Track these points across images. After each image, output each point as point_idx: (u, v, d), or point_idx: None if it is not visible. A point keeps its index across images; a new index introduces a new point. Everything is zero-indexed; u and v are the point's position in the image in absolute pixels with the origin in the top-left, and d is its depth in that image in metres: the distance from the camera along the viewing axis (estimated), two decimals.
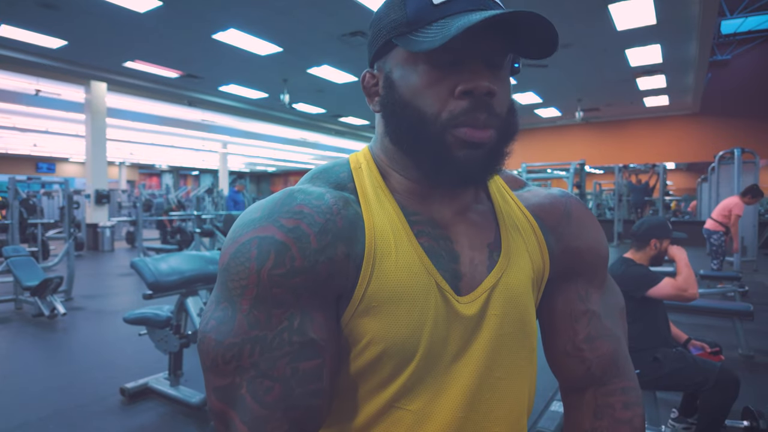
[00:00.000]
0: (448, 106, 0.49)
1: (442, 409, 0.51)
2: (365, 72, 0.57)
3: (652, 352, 2.05)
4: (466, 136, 0.49)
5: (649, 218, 2.27)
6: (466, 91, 0.48)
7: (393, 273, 0.50)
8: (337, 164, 0.58)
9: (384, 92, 0.53)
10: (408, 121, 0.51)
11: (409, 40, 0.49)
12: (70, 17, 6.50)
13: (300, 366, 0.47)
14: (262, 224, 0.48)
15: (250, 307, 0.47)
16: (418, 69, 0.50)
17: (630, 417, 0.58)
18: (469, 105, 0.48)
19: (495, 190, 0.62)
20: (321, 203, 0.50)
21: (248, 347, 0.46)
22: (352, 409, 0.53)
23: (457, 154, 0.49)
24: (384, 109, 0.54)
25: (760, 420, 2.02)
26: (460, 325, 0.52)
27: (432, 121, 0.49)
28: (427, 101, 0.49)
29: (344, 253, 0.49)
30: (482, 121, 0.49)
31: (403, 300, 0.50)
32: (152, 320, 2.72)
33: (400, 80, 0.51)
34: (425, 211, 0.55)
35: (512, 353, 0.55)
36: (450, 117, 0.49)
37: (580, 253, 0.61)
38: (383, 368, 0.50)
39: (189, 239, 9.46)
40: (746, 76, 11.57)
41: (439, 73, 0.49)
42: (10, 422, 2.48)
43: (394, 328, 0.49)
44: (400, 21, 0.50)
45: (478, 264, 0.54)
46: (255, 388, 0.46)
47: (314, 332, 0.48)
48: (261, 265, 0.46)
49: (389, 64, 0.53)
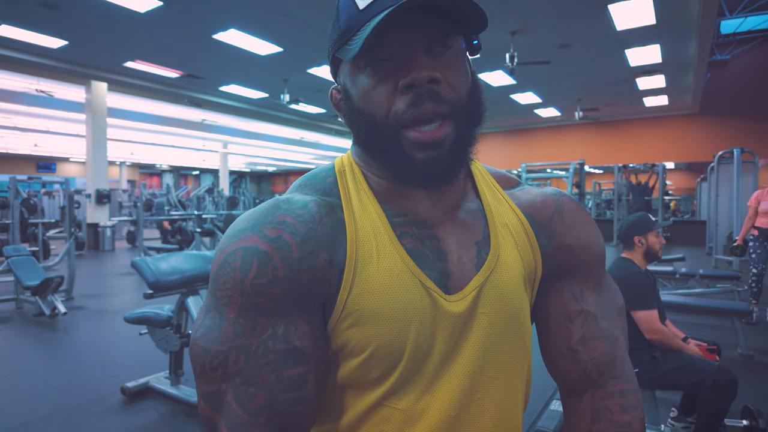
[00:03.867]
0: (394, 105, 0.49)
1: (432, 408, 0.51)
2: (332, 88, 0.59)
3: (650, 351, 2.06)
4: (416, 139, 0.49)
5: (628, 218, 2.30)
6: (408, 85, 0.48)
7: (375, 276, 0.50)
8: (323, 170, 0.59)
9: (344, 104, 0.55)
10: (365, 127, 0.52)
11: (345, 50, 0.50)
12: (70, 17, 6.51)
13: (284, 373, 0.47)
14: (247, 235, 0.49)
15: (236, 316, 0.48)
16: (364, 73, 0.50)
17: (628, 420, 0.56)
18: (412, 98, 0.48)
19: (485, 188, 0.61)
20: (304, 212, 0.51)
21: (233, 355, 0.47)
22: (341, 409, 0.53)
23: (416, 157, 0.50)
24: (346, 119, 0.55)
25: (760, 419, 2.02)
26: (449, 324, 0.52)
27: (383, 124, 0.50)
28: (375, 103, 0.50)
29: (326, 260, 0.50)
30: (429, 110, 0.48)
31: (387, 302, 0.50)
32: (153, 320, 2.73)
33: (352, 89, 0.52)
34: (411, 212, 0.55)
35: (504, 352, 0.55)
36: (396, 117, 0.49)
37: (572, 250, 0.60)
38: (372, 370, 0.51)
39: (189, 239, 9.47)
40: (746, 76, 11.57)
41: (383, 71, 0.49)
42: (11, 422, 2.49)
43: (379, 330, 0.50)
44: (337, 34, 0.52)
45: (466, 262, 0.54)
46: (240, 395, 0.47)
47: (298, 340, 0.48)
48: (245, 275, 0.47)
49: (342, 77, 0.55)
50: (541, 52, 7.99)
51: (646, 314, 2.06)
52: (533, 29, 7.08)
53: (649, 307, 2.07)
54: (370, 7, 0.48)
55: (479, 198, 0.60)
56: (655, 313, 2.07)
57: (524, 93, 11.01)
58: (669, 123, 12.98)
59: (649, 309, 2.06)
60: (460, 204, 0.58)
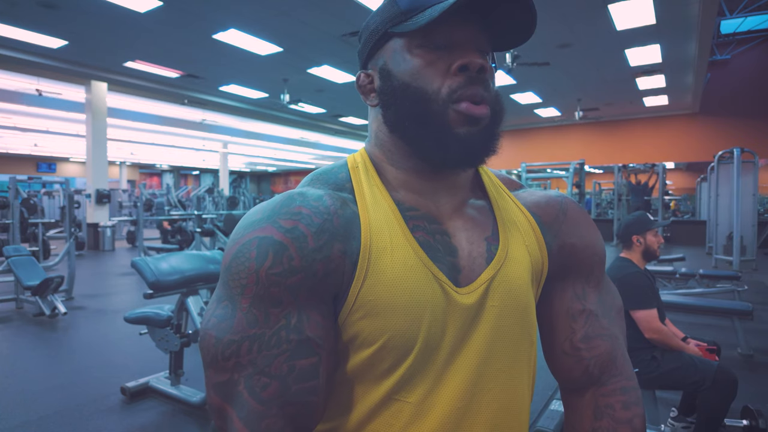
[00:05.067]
0: (447, 81, 0.52)
1: (441, 401, 0.52)
2: (359, 73, 0.60)
3: (650, 350, 2.06)
4: (466, 110, 0.52)
5: (626, 217, 2.29)
6: (462, 67, 0.52)
7: (389, 268, 0.51)
8: (335, 166, 0.60)
9: (381, 83, 0.56)
10: (410, 101, 0.53)
11: (405, 26, 0.53)
12: (70, 17, 6.51)
13: (296, 363, 0.48)
14: (262, 225, 0.50)
15: (249, 306, 0.48)
16: (414, 53, 0.53)
17: (630, 417, 0.58)
18: (465, 80, 0.52)
19: (491, 188, 0.62)
20: (319, 204, 0.51)
21: (246, 345, 0.47)
22: (351, 402, 0.54)
23: (458, 131, 0.52)
24: (383, 97, 0.56)
25: (760, 419, 2.03)
26: (459, 316, 0.53)
27: (434, 98, 0.52)
28: (427, 80, 0.53)
29: (340, 251, 0.50)
30: (480, 94, 0.52)
31: (400, 293, 0.50)
32: (153, 319, 2.73)
33: (397, 67, 0.55)
34: (423, 207, 0.56)
35: (512, 345, 0.56)
36: (450, 92, 0.52)
37: (576, 250, 0.62)
38: (382, 361, 0.51)
39: (189, 239, 9.47)
40: (746, 76, 11.57)
41: (435, 54, 0.53)
42: (11, 421, 2.49)
43: (392, 321, 0.50)
44: (394, 14, 0.54)
45: (476, 257, 0.55)
46: (252, 385, 0.47)
47: (311, 330, 0.49)
48: (260, 265, 0.48)
49: (383, 58, 0.56)
50: (541, 52, 7.99)
51: (646, 314, 2.06)
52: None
53: (648, 306, 2.07)
54: None
55: (486, 196, 0.62)
56: (654, 313, 2.07)
57: (524, 93, 11.01)
58: (669, 123, 12.98)
59: (648, 308, 2.07)
60: (468, 201, 0.59)
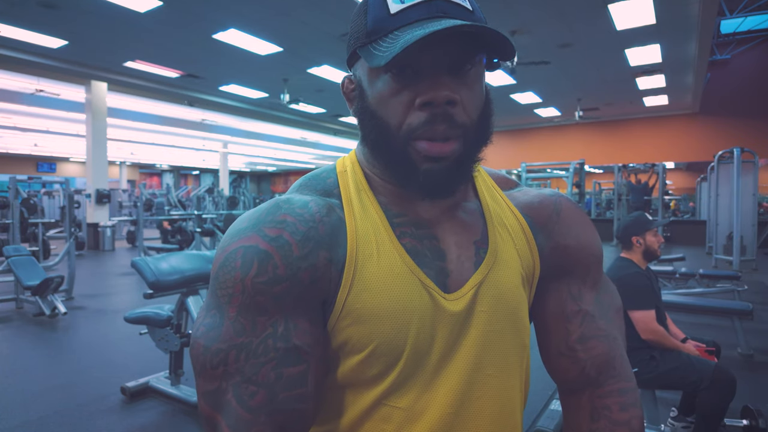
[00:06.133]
0: (408, 118, 0.49)
1: (431, 407, 0.52)
2: (345, 77, 0.58)
3: (649, 351, 2.06)
4: (425, 150, 0.49)
5: (625, 218, 2.29)
6: (425, 103, 0.48)
7: (375, 275, 0.51)
8: (324, 171, 0.60)
9: (357, 99, 0.54)
10: (376, 130, 0.52)
11: (368, 52, 0.49)
12: (70, 17, 6.51)
13: (284, 371, 0.48)
14: (248, 234, 0.49)
15: (236, 314, 0.48)
16: (382, 78, 0.50)
17: (627, 419, 0.57)
18: (428, 117, 0.48)
19: (484, 189, 0.62)
20: (304, 212, 0.51)
21: (234, 353, 0.47)
22: (342, 407, 0.54)
23: (421, 167, 0.50)
24: (358, 116, 0.55)
25: (760, 419, 2.03)
26: (448, 322, 0.52)
27: (394, 134, 0.50)
28: (389, 112, 0.50)
29: (326, 258, 0.50)
30: (441, 132, 0.48)
31: (386, 300, 0.50)
32: (153, 319, 2.73)
33: (368, 89, 0.52)
34: (410, 212, 0.56)
35: (503, 350, 0.55)
36: (409, 130, 0.49)
37: (570, 250, 0.61)
38: (372, 367, 0.51)
39: (189, 239, 9.47)
40: (746, 76, 11.57)
41: (400, 83, 0.49)
42: (11, 421, 2.49)
43: (379, 328, 0.50)
44: (362, 31, 0.51)
45: (464, 261, 0.55)
46: (240, 393, 0.47)
47: (298, 338, 0.49)
48: (245, 274, 0.48)
49: (359, 72, 0.54)
50: (541, 52, 7.99)
51: (643, 314, 2.06)
52: (533, 29, 7.08)
53: (646, 307, 2.07)
54: (402, 14, 0.47)
55: (478, 198, 0.61)
56: (652, 314, 2.07)
57: (524, 93, 11.01)
58: (669, 123, 12.98)
59: (646, 309, 2.06)
60: (459, 204, 0.59)
